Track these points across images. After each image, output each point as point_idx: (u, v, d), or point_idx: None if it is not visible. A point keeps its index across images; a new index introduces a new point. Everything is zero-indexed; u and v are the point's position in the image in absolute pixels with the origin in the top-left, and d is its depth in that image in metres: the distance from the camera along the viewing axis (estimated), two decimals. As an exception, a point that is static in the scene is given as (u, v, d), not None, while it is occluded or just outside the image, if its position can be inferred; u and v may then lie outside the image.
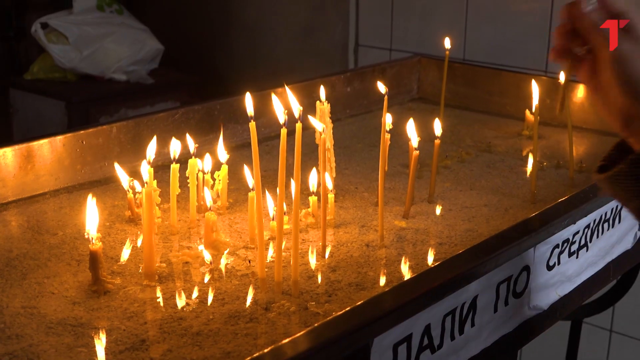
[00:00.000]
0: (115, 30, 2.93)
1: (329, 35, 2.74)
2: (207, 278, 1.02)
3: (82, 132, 1.34)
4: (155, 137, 1.14)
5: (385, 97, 1.17)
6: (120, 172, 1.18)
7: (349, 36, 2.65)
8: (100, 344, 0.87)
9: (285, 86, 0.99)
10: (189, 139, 1.21)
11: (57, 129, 2.72)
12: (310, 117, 1.10)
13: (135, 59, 2.95)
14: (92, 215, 0.97)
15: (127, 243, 1.13)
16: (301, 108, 0.96)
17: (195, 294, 0.98)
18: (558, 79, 1.56)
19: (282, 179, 0.97)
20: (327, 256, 1.09)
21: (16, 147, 1.25)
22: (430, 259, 1.09)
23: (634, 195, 0.82)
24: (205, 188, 1.16)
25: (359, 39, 2.64)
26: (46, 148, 1.29)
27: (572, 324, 1.75)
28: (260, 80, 2.97)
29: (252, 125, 0.97)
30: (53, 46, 2.83)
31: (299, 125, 0.95)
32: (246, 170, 1.14)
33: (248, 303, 0.96)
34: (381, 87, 1.19)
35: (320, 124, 1.10)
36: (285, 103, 0.98)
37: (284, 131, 0.95)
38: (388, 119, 1.20)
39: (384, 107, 1.17)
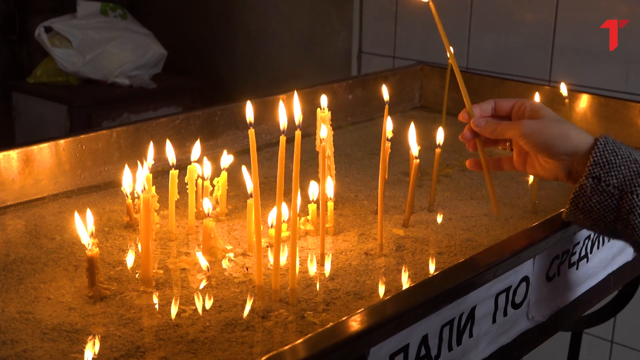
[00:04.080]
0: (119, 35, 2.94)
1: (332, 42, 2.74)
2: (204, 285, 1.01)
3: (82, 136, 1.33)
4: (152, 144, 1.14)
5: (386, 105, 1.16)
6: (127, 174, 1.18)
7: (352, 43, 2.66)
8: (96, 350, 0.86)
9: (296, 93, 0.99)
10: (197, 145, 1.21)
11: (59, 133, 2.73)
12: (322, 126, 1.10)
13: (139, 63, 2.95)
14: (85, 224, 0.96)
15: (125, 249, 1.12)
16: (301, 115, 0.96)
17: (192, 301, 0.97)
18: (559, 88, 1.55)
19: (281, 186, 0.96)
20: (325, 264, 1.09)
21: (16, 150, 1.25)
22: (430, 269, 1.09)
23: (592, 224, 1.01)
24: (206, 198, 1.16)
25: (362, 46, 2.64)
26: (46, 152, 1.28)
27: (573, 335, 1.74)
28: (263, 87, 2.97)
29: (251, 132, 0.97)
30: (56, 50, 2.83)
31: (298, 133, 0.95)
32: (245, 174, 1.12)
33: (245, 311, 0.95)
34: (385, 92, 1.18)
35: (324, 130, 1.10)
36: (288, 110, 0.97)
37: (282, 138, 0.94)
38: (389, 127, 1.20)
39: (385, 115, 1.16)
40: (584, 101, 1.71)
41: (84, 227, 0.97)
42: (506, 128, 1.04)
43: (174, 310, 0.95)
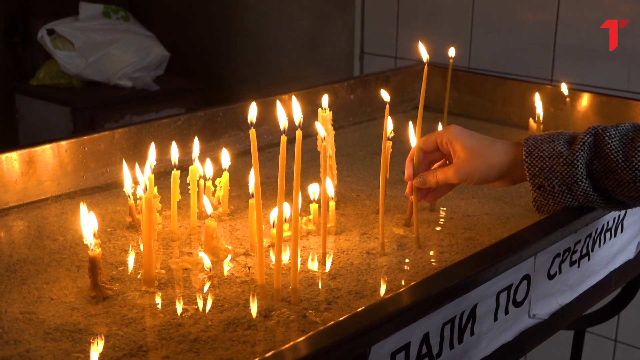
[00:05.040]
0: (121, 37, 2.95)
1: (334, 43, 2.74)
2: (206, 285, 1.02)
3: (84, 137, 1.34)
4: (153, 144, 1.14)
5: (387, 105, 1.16)
6: (126, 172, 1.18)
7: (354, 44, 2.66)
8: (98, 350, 0.87)
9: (294, 96, 0.99)
10: (195, 143, 1.22)
11: (62, 135, 2.73)
12: (317, 124, 1.10)
13: (141, 65, 2.96)
14: (88, 222, 0.97)
15: (128, 249, 1.13)
16: (301, 116, 0.96)
17: (194, 300, 0.98)
18: (560, 88, 1.56)
19: (282, 186, 0.97)
20: (327, 264, 1.09)
21: (18, 152, 1.25)
22: (431, 267, 1.09)
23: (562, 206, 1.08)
24: (205, 196, 1.16)
25: (364, 46, 2.64)
26: (48, 154, 1.29)
27: (575, 334, 1.74)
28: (264, 88, 2.97)
29: (252, 132, 0.97)
30: (59, 52, 2.84)
31: (298, 133, 0.95)
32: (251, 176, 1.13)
33: (247, 310, 0.96)
34: (384, 95, 1.18)
35: (323, 130, 1.10)
36: (288, 110, 0.98)
37: (283, 138, 0.95)
38: (389, 127, 1.20)
39: (386, 115, 1.16)
40: (585, 100, 1.71)
41: (86, 216, 0.97)
42: (445, 177, 1.11)
43: (176, 309, 0.95)
